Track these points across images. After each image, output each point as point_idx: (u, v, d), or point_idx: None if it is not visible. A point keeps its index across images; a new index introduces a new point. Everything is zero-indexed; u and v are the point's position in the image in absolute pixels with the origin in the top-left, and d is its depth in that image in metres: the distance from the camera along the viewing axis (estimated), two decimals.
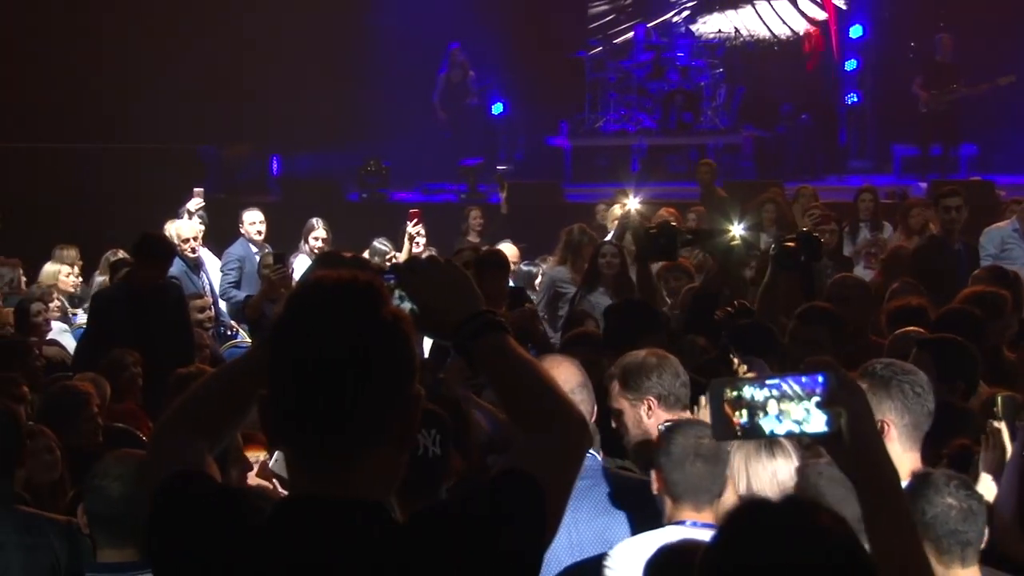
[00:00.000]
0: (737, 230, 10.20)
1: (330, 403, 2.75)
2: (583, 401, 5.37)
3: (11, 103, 19.21)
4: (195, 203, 14.86)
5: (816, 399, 3.00)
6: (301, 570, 2.71)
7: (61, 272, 13.56)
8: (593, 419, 5.73)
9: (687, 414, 5.79)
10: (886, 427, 4.88)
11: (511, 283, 11.62)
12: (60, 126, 19.21)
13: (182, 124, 19.15)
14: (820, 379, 3.02)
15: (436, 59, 20.80)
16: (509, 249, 13.86)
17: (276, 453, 5.65)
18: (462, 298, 3.14)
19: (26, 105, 19.15)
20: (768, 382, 3.06)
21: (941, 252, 12.02)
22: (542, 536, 2.86)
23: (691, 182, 19.61)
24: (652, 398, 5.75)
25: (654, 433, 5.47)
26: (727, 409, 3.07)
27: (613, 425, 5.93)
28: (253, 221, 14.16)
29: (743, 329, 8.21)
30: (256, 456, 6.18)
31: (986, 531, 4.50)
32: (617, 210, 14.88)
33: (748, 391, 3.05)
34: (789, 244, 9.25)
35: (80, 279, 13.75)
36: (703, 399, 5.39)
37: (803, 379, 3.02)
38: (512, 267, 12.91)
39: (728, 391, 3.07)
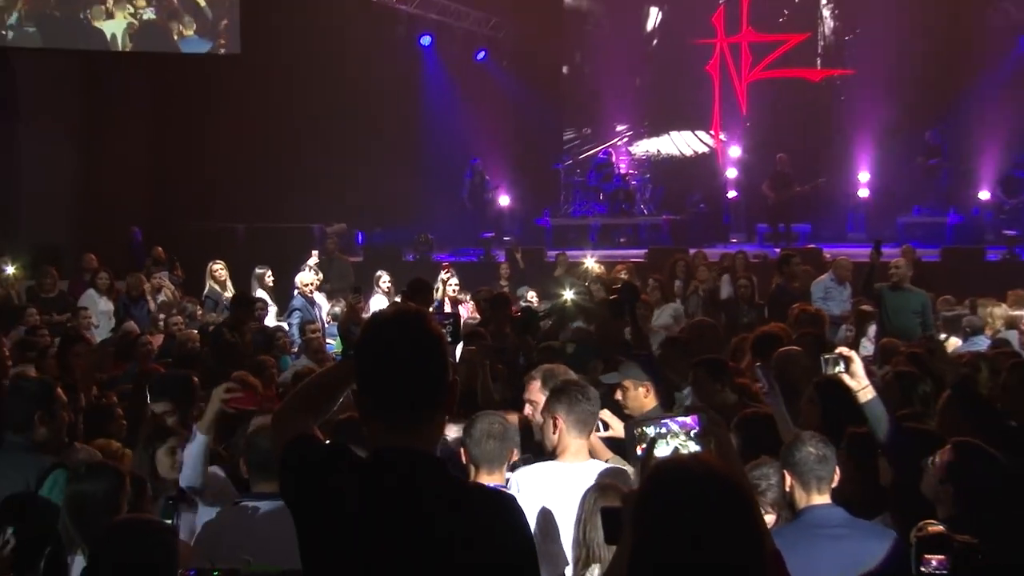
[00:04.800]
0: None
1: (408, 389, 2.73)
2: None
3: (188, 192, 19.40)
4: (312, 260, 14.95)
5: (695, 431, 3.09)
6: (392, 496, 2.65)
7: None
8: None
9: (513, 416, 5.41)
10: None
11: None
12: (217, 210, 19.28)
13: (301, 209, 19.17)
14: (696, 420, 3.10)
15: (464, 168, 20.92)
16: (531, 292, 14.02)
17: None
18: None
19: (194, 194, 19.33)
20: (663, 420, 3.11)
21: (790, 294, 12.13)
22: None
23: (628, 248, 19.74)
24: None
25: None
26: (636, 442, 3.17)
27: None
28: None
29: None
30: None
31: (836, 470, 4.42)
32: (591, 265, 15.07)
33: (649, 429, 3.09)
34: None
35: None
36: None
37: (686, 420, 3.09)
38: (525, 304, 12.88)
39: (637, 429, 3.16)
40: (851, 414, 5.29)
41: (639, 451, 3.14)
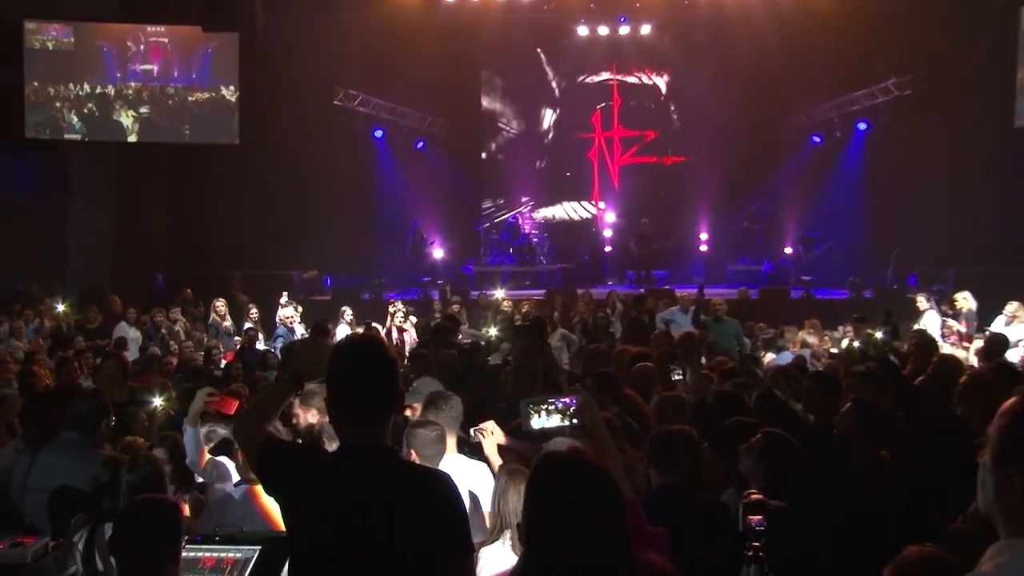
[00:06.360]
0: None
1: (368, 398, 2.72)
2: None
3: (198, 246, 19.10)
4: (284, 299, 14.70)
5: (572, 408, 3.01)
6: (357, 485, 2.63)
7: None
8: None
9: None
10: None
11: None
12: (220, 259, 18.89)
13: (282, 258, 18.94)
14: (573, 399, 3.02)
15: (407, 229, 20.84)
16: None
17: None
18: None
19: (202, 248, 19.02)
20: (551, 400, 3.00)
21: (642, 324, 12.23)
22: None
23: (532, 289, 19.73)
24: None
25: None
26: (531, 414, 3.18)
27: None
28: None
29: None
30: None
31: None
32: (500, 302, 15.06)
33: (540, 406, 2.98)
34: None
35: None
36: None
37: (568, 399, 3.01)
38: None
39: (531, 406, 3.20)
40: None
41: (530, 422, 3.03)
